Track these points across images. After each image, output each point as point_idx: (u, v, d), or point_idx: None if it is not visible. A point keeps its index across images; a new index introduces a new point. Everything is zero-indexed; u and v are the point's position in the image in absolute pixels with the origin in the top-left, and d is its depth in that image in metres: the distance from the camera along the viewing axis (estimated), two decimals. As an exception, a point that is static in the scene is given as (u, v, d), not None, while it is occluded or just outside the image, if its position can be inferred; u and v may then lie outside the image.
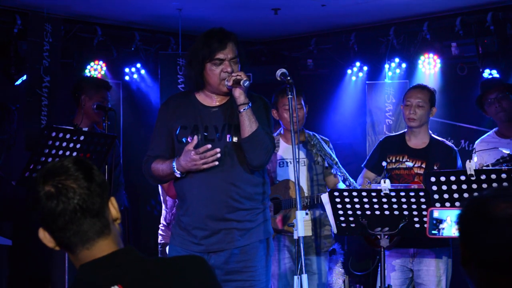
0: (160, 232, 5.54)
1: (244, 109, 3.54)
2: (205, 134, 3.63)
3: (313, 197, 4.73)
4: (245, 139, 3.56)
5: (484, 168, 4.07)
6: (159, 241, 5.54)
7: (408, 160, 4.71)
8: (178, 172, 3.58)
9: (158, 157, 3.70)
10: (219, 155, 3.51)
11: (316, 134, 4.94)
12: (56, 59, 6.32)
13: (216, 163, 3.52)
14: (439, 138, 4.85)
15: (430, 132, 4.84)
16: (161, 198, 5.57)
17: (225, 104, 3.68)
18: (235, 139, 3.62)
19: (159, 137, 3.73)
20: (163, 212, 5.55)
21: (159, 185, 5.48)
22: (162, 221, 5.53)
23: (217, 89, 3.63)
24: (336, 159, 4.86)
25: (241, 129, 3.56)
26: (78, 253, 1.80)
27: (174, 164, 3.58)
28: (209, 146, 3.51)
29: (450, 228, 3.70)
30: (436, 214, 3.75)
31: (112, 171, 5.05)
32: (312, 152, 4.82)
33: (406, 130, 4.85)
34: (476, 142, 5.23)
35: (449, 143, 4.88)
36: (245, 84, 3.50)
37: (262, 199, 3.72)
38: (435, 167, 4.62)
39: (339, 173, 4.79)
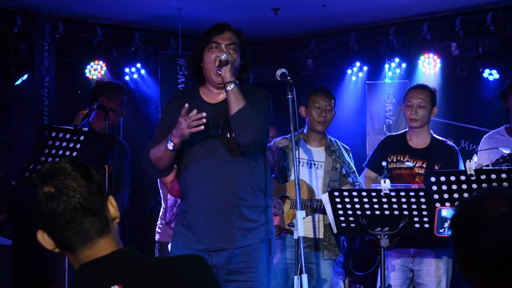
0: (157, 229, 5.53)
1: (230, 87, 3.51)
2: (207, 130, 3.62)
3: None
4: (232, 117, 3.53)
5: (484, 168, 4.06)
6: (156, 239, 5.53)
7: (409, 160, 4.70)
8: (171, 144, 3.52)
9: None
10: (204, 120, 3.45)
11: (338, 141, 4.86)
12: (53, 58, 6.35)
13: (202, 127, 3.46)
14: (440, 138, 4.83)
15: (431, 131, 4.82)
16: (161, 196, 5.56)
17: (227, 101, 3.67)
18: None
19: (162, 132, 3.73)
20: (162, 210, 5.54)
21: (159, 184, 5.48)
22: (160, 219, 5.53)
23: (212, 79, 3.61)
24: (354, 168, 4.80)
25: (228, 107, 3.54)
26: (79, 253, 1.79)
27: (168, 136, 3.56)
28: (203, 113, 3.46)
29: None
30: (444, 213, 3.74)
31: (119, 173, 5.07)
32: (332, 157, 4.76)
33: (407, 129, 4.84)
34: (484, 136, 5.14)
35: (451, 143, 4.85)
36: (222, 58, 3.49)
37: (264, 198, 3.71)
38: (437, 167, 4.60)
39: (356, 183, 4.73)
